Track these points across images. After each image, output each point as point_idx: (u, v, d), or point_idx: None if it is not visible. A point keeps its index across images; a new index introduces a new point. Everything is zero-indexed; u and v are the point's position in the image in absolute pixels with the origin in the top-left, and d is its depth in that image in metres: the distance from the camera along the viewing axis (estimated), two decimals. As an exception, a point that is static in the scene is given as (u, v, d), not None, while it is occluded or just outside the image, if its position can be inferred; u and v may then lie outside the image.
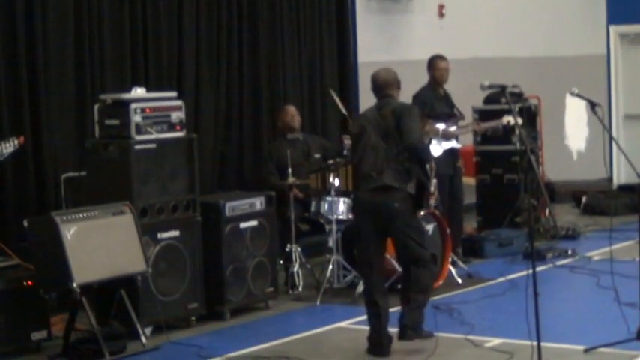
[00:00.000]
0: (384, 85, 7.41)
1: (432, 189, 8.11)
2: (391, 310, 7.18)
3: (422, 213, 8.22)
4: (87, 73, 9.20)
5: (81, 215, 7.39)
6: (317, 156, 9.97)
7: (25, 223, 7.59)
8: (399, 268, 7.92)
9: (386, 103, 7.31)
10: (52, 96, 8.95)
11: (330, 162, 9.30)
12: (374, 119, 7.27)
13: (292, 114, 9.86)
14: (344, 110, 10.11)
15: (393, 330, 7.09)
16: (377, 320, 7.10)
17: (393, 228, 7.12)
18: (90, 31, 9.25)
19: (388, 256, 8.08)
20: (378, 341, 7.10)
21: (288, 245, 9.20)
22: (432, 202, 8.94)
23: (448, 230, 9.11)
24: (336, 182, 9.12)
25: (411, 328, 7.05)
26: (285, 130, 9.80)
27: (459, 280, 9.26)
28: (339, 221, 9.07)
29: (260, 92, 10.76)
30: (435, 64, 9.93)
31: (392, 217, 7.07)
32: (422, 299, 7.12)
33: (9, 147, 7.28)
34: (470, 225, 11.23)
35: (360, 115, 7.78)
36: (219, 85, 10.41)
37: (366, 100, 11.12)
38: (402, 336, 7.07)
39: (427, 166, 7.39)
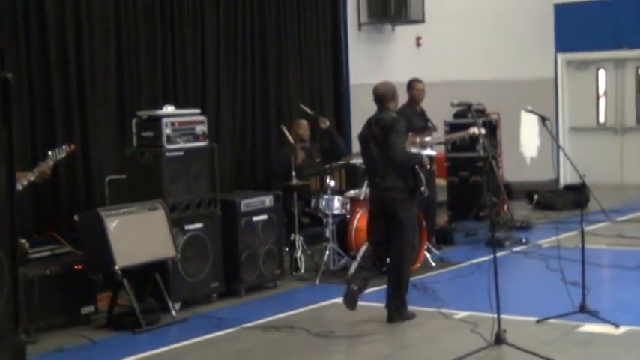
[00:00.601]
0: (381, 98, 7.49)
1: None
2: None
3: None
4: (126, 93, 9.16)
5: (121, 211, 7.43)
6: (318, 160, 9.93)
7: (76, 218, 7.66)
8: None
9: (379, 118, 7.39)
10: (98, 112, 8.90)
11: (327, 166, 9.37)
12: (371, 132, 7.40)
13: (305, 127, 9.85)
14: (311, 112, 10.12)
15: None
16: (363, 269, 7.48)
17: (395, 213, 7.27)
18: (128, 58, 9.21)
19: None
20: (356, 284, 7.27)
21: (293, 235, 9.15)
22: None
23: (424, 223, 9.04)
24: (332, 183, 9.19)
25: (395, 311, 7.18)
26: (297, 139, 9.75)
27: (433, 264, 9.23)
28: (334, 215, 9.05)
29: (269, 109, 10.72)
30: (413, 85, 9.89)
31: (396, 206, 7.25)
32: (398, 283, 7.26)
33: (62, 153, 7.24)
34: (442, 218, 11.20)
35: (365, 125, 7.79)
36: (235, 102, 10.35)
37: (357, 113, 11.19)
38: (389, 319, 7.17)
39: (416, 167, 7.41)
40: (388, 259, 7.44)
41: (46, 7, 8.46)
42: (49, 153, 7.20)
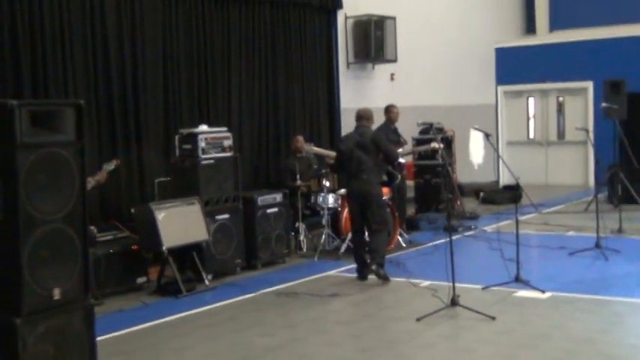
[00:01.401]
0: (362, 117, 7.83)
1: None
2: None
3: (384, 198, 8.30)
4: (170, 115, 9.12)
5: (167, 205, 7.44)
6: (315, 166, 9.88)
7: (133, 210, 7.71)
8: None
9: (363, 132, 7.71)
10: (150, 129, 8.87)
11: (323, 171, 9.30)
12: (357, 141, 7.64)
13: (300, 141, 9.77)
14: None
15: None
16: (358, 255, 7.64)
17: (369, 205, 7.50)
18: (172, 88, 9.16)
19: None
20: (360, 266, 7.60)
21: (297, 223, 9.12)
22: (387, 196, 8.90)
23: (397, 213, 9.03)
24: (327, 184, 9.16)
25: (376, 270, 7.40)
26: (295, 151, 9.74)
27: (404, 245, 9.20)
28: (329, 208, 9.02)
29: (279, 126, 10.66)
30: (390, 109, 9.88)
31: (370, 199, 7.50)
32: (377, 250, 7.50)
33: (111, 165, 7.24)
34: (410, 210, 11.17)
35: (345, 137, 8.13)
36: (253, 122, 10.29)
37: (345, 130, 11.09)
38: (377, 276, 7.44)
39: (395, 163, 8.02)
40: (367, 237, 7.66)
41: (109, 46, 8.44)
42: (103, 165, 7.21)
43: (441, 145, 9.52)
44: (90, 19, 8.28)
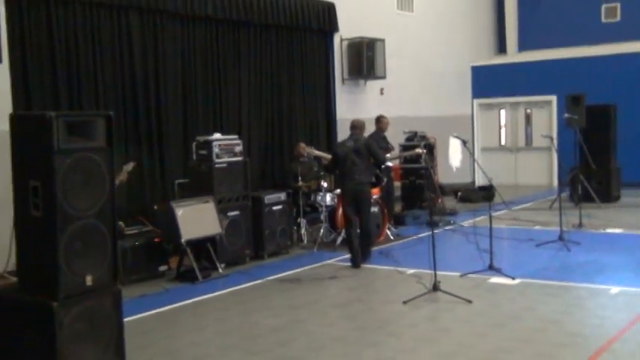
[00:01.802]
0: (355, 126, 7.98)
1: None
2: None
3: (374, 197, 8.34)
4: (189, 124, 9.09)
5: (185, 203, 7.43)
6: (315, 169, 9.85)
7: (155, 207, 7.76)
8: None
9: (357, 138, 7.87)
10: (170, 137, 8.84)
11: (322, 173, 9.28)
12: (352, 147, 7.77)
13: (302, 147, 9.76)
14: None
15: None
16: (352, 245, 7.64)
17: (361, 202, 7.68)
18: (191, 101, 9.15)
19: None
20: (354, 255, 7.61)
21: (299, 219, 9.10)
22: (377, 195, 8.89)
23: (385, 210, 9.02)
24: (325, 184, 9.14)
25: (364, 256, 7.64)
26: (297, 155, 9.72)
27: (392, 238, 9.17)
28: (326, 206, 9.01)
29: (283, 134, 10.62)
30: (380, 119, 9.87)
31: (362, 196, 7.68)
32: (367, 241, 7.71)
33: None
34: (397, 207, 11.16)
35: (341, 143, 8.23)
36: (260, 130, 10.25)
37: (341, 137, 11.03)
38: (363, 261, 7.62)
39: (382, 167, 8.12)
40: (359, 231, 7.74)
41: (135, 64, 8.43)
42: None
43: (424, 151, 9.58)
44: (118, 41, 8.28)
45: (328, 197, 9.04)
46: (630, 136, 12.98)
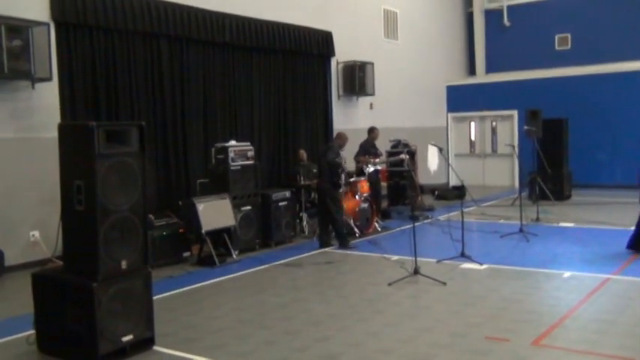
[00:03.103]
0: (336, 137, 8.25)
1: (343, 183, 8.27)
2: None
3: (357, 198, 8.22)
4: (209, 133, 9.05)
5: (206, 199, 7.39)
6: (315, 170, 9.81)
7: (180, 203, 7.73)
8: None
9: (329, 147, 8.10)
10: (193, 143, 8.81)
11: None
12: (322, 152, 8.03)
13: (303, 154, 9.75)
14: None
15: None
16: (322, 232, 7.93)
17: (326, 198, 7.80)
18: (210, 112, 9.11)
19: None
20: (321, 241, 7.89)
21: (301, 213, 9.07)
22: (366, 193, 8.87)
23: (374, 206, 9.00)
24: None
25: (340, 244, 7.74)
26: (299, 160, 9.69)
27: (379, 229, 9.13)
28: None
29: (288, 142, 10.59)
30: (372, 130, 9.86)
31: (325, 193, 7.81)
32: (336, 229, 7.80)
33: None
34: (384, 204, 11.13)
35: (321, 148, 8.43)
36: (269, 138, 10.22)
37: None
38: (340, 247, 7.74)
39: (339, 170, 7.92)
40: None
41: (164, 82, 8.42)
42: None
43: (407, 156, 9.56)
44: (150, 63, 8.26)
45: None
46: (579, 145, 13.02)
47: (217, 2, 9.12)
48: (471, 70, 16.72)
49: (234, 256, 7.49)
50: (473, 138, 15.86)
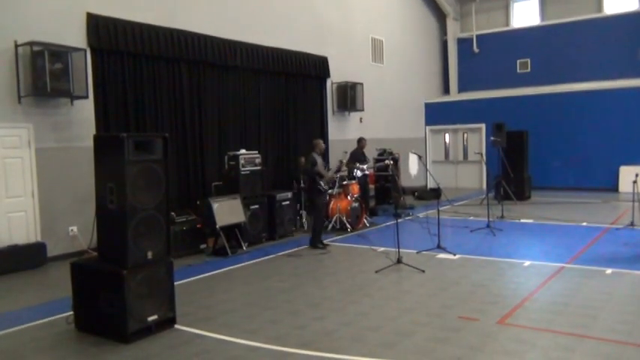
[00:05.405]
0: (313, 147, 7.63)
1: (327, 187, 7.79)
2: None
3: (349, 198, 8.18)
4: (222, 142, 9.01)
5: (220, 199, 7.35)
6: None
7: (198, 202, 7.64)
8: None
9: (307, 157, 7.75)
10: (209, 152, 8.77)
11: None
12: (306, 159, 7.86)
13: (302, 161, 9.71)
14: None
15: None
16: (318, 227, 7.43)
17: (310, 198, 7.55)
18: (223, 125, 9.07)
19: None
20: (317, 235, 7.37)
21: (301, 211, 9.04)
22: (357, 194, 8.85)
23: (363, 205, 8.97)
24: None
25: (314, 243, 7.35)
26: (299, 166, 9.66)
27: (368, 225, 9.08)
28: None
29: (290, 151, 10.54)
30: (361, 140, 9.81)
31: (309, 196, 7.59)
32: (312, 228, 7.38)
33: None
34: (372, 203, 11.12)
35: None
36: (274, 147, 10.18)
37: (334, 155, 11.10)
38: (310, 245, 7.36)
39: (316, 177, 7.39)
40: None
41: (185, 99, 8.39)
42: None
43: (391, 162, 9.54)
44: (172, 83, 8.25)
45: (322, 196, 8.97)
46: (537, 153, 13.09)
47: (230, 32, 9.13)
48: (446, 90, 16.76)
49: (244, 248, 7.48)
50: (447, 147, 15.90)
